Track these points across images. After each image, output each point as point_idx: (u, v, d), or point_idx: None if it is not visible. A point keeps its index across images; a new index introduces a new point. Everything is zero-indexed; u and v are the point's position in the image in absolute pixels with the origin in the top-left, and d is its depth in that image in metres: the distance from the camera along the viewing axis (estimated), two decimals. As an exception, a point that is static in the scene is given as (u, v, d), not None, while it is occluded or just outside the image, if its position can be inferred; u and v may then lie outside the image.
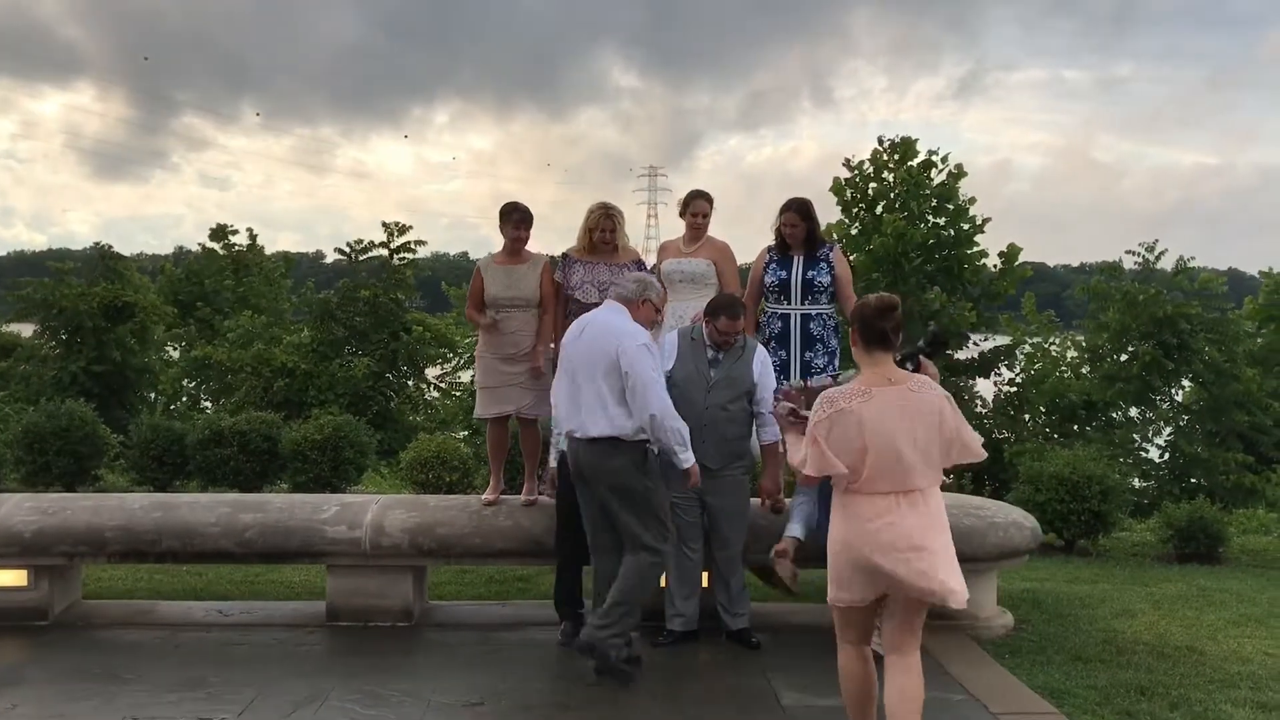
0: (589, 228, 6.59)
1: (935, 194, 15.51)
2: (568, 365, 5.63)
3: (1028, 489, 9.64)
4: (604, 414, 5.43)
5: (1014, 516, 6.89)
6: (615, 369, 5.40)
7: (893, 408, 4.13)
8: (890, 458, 4.09)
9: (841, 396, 4.17)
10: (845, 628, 4.38)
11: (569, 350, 5.65)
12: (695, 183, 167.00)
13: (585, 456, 5.52)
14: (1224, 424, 14.14)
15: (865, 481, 4.12)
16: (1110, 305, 15.26)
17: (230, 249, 27.47)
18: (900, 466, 4.11)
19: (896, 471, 4.11)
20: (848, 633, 4.38)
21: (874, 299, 4.29)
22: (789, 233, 6.60)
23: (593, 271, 6.62)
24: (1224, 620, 7.09)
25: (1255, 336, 16.90)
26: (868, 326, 4.25)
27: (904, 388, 4.19)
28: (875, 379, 4.21)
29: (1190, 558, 9.39)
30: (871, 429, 4.09)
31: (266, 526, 6.54)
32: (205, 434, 11.76)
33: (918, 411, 4.16)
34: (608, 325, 5.55)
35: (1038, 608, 7.31)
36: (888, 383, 4.19)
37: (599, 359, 5.45)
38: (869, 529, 4.12)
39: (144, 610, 6.94)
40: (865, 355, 4.27)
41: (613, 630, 5.48)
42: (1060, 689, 5.60)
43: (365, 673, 5.72)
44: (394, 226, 19.91)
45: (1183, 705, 5.37)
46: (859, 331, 4.28)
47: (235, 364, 17.85)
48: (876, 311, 4.24)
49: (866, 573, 4.17)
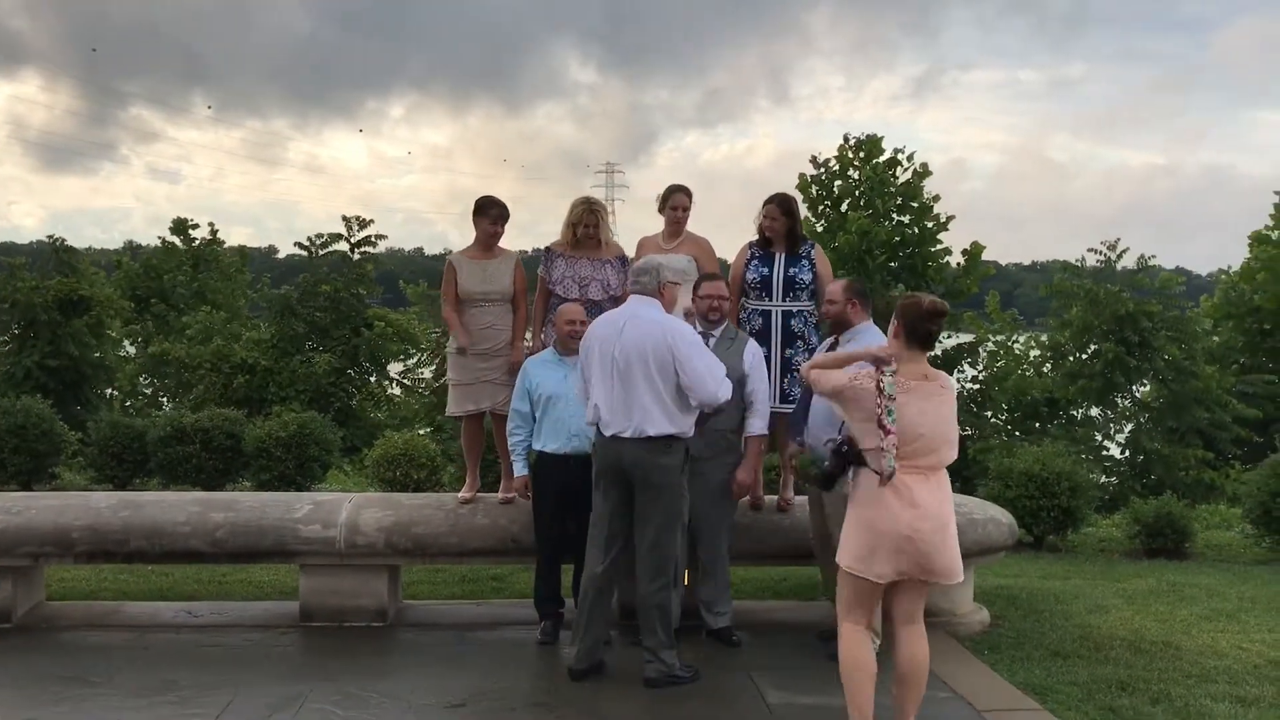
0: (572, 222, 6.50)
1: (900, 192, 15.58)
2: (611, 365, 5.35)
3: (998, 485, 9.69)
4: (663, 411, 5.30)
5: (991, 513, 6.91)
6: (670, 365, 5.28)
7: (926, 399, 4.47)
8: (917, 440, 4.41)
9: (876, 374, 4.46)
10: (854, 605, 4.54)
11: (610, 349, 5.37)
12: (653, 180, 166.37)
13: (635, 455, 5.30)
14: (1184, 421, 14.32)
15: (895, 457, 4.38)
16: (1073, 303, 15.39)
17: (190, 243, 27.03)
18: (926, 449, 4.44)
19: (922, 453, 4.44)
20: (855, 611, 4.55)
21: (927, 301, 4.60)
22: (769, 226, 6.56)
23: (574, 266, 6.52)
24: (1196, 615, 7.15)
25: (1212, 335, 17.13)
26: (917, 326, 4.54)
27: (937, 383, 4.56)
28: (913, 373, 4.51)
29: (1158, 553, 9.48)
30: (906, 414, 4.38)
31: (238, 526, 6.41)
32: (167, 431, 11.55)
33: (945, 405, 4.54)
34: (655, 321, 5.38)
35: (1012, 604, 7.34)
36: (924, 378, 4.53)
37: (651, 356, 5.29)
38: (896, 508, 4.38)
39: (110, 611, 6.78)
40: (906, 348, 4.55)
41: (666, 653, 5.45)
42: (1042, 685, 5.62)
43: (342, 674, 5.61)
44: (354, 221, 19.70)
45: (1163, 700, 5.40)
46: (905, 328, 4.54)
47: (194, 360, 17.55)
48: (928, 314, 4.54)
49: (888, 551, 4.40)
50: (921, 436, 4.41)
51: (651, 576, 5.39)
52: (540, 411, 6.06)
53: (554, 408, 6.01)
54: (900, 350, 4.55)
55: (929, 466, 4.46)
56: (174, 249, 27.34)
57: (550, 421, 6.03)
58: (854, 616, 4.54)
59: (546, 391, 6.02)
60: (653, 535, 5.37)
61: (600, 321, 5.62)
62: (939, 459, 4.50)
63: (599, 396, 5.42)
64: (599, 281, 6.50)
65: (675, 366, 5.28)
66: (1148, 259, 15.26)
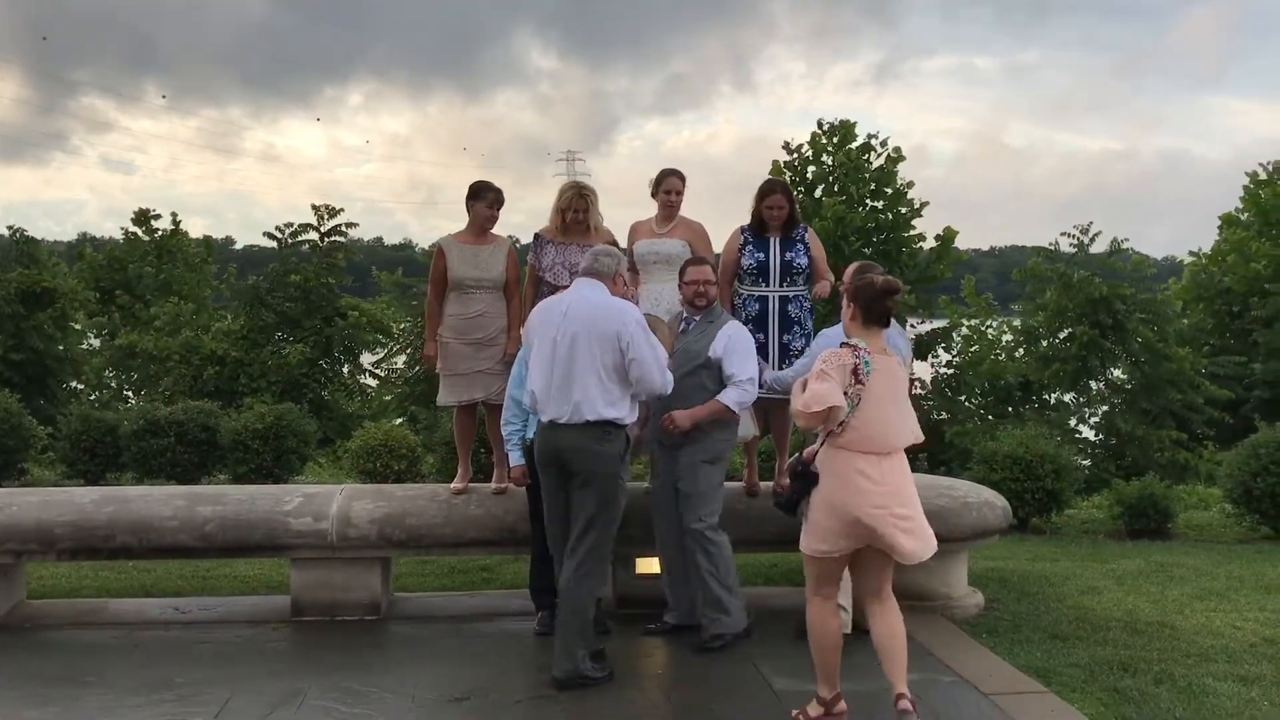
0: (561, 208, 6.38)
1: (873, 178, 15.58)
2: (553, 349, 5.20)
3: (982, 469, 9.72)
4: (603, 396, 5.14)
5: (985, 496, 6.91)
6: (615, 349, 5.13)
7: (887, 377, 4.50)
8: (882, 421, 4.47)
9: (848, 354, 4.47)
10: (820, 581, 4.63)
11: (552, 332, 5.24)
12: (615, 168, 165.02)
13: (573, 441, 5.18)
14: (1157, 402, 14.44)
15: (854, 439, 4.44)
16: (1047, 287, 15.47)
17: (153, 234, 26.58)
18: (889, 429, 4.50)
19: (886, 434, 4.49)
20: (821, 586, 4.64)
21: (880, 280, 4.63)
22: (774, 215, 6.48)
23: (564, 253, 6.40)
24: (1187, 595, 7.20)
25: (1182, 317, 17.28)
26: (873, 306, 4.58)
27: (895, 360, 4.61)
28: (874, 350, 4.53)
29: (1141, 534, 9.55)
30: (872, 391, 4.43)
31: (227, 519, 6.28)
32: (140, 424, 11.37)
33: (903, 382, 4.62)
34: (600, 304, 5.25)
35: (1005, 587, 7.36)
36: (883, 353, 4.56)
37: (596, 339, 5.14)
38: (861, 487, 4.42)
39: (94, 609, 6.64)
40: (863, 329, 4.58)
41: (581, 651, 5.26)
42: (1044, 668, 5.62)
43: (340, 669, 5.52)
44: (324, 209, 19.44)
45: (1166, 680, 5.41)
46: (862, 308, 4.58)
47: (163, 352, 17.26)
48: (882, 292, 4.58)
49: (851, 527, 4.45)
50: (888, 418, 4.47)
51: (578, 571, 5.20)
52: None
53: None
54: (857, 329, 4.59)
55: (891, 449, 4.51)
56: (137, 240, 26.90)
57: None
58: (821, 591, 4.65)
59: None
60: (583, 526, 5.20)
61: (543, 305, 5.47)
62: (901, 441, 4.54)
63: (537, 381, 5.27)
64: None
65: (623, 353, 5.14)
66: (1120, 242, 15.40)
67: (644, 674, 5.55)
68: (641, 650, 5.88)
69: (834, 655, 4.66)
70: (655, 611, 6.25)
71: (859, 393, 4.41)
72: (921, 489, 6.76)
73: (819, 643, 4.67)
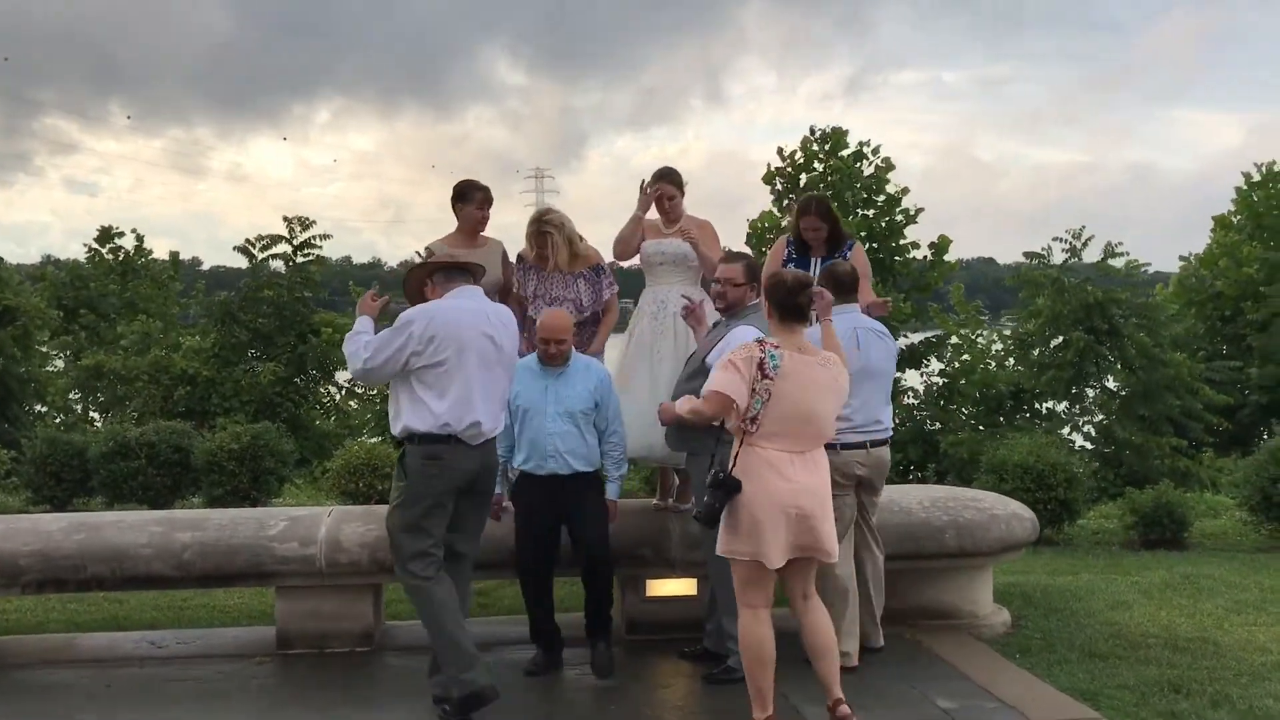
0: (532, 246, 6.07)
1: (865, 186, 15.29)
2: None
3: (992, 479, 9.41)
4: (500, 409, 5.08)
5: (1013, 508, 6.56)
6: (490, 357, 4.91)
7: (805, 374, 4.43)
8: (797, 419, 4.41)
9: (755, 349, 4.42)
10: (748, 589, 4.47)
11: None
12: (585, 183, 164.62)
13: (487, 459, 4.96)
14: (1156, 409, 14.19)
15: (765, 435, 4.38)
16: (1041, 293, 15.22)
17: (116, 252, 25.92)
18: (805, 429, 4.44)
19: (802, 433, 4.43)
20: (751, 595, 4.48)
21: (790, 277, 4.65)
22: (811, 236, 6.11)
23: (546, 284, 6.07)
24: (1221, 608, 6.87)
25: (1176, 322, 17.08)
26: (786, 301, 4.55)
27: (815, 360, 4.53)
28: (789, 347, 4.49)
29: (1156, 544, 9.25)
30: (782, 387, 4.36)
31: (207, 546, 5.82)
32: (109, 446, 10.87)
33: (827, 382, 4.51)
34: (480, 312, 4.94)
35: (1030, 603, 7.01)
36: (798, 351, 4.50)
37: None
38: (773, 484, 4.35)
39: (63, 645, 6.16)
40: (780, 327, 4.57)
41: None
42: (1089, 690, 5.27)
43: (334, 706, 5.10)
44: (296, 221, 18.91)
45: (1224, 703, 5.06)
46: (776, 305, 4.58)
47: (131, 372, 16.68)
48: (793, 289, 4.55)
49: (773, 526, 4.34)
50: (802, 416, 4.41)
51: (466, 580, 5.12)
52: (518, 425, 5.49)
53: (530, 423, 5.45)
54: (775, 328, 4.58)
55: (806, 448, 4.46)
56: (100, 258, 26.22)
57: (527, 440, 5.47)
58: (749, 600, 4.49)
59: (524, 404, 5.46)
60: (472, 537, 5.06)
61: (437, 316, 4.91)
62: (818, 438, 4.51)
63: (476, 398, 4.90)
64: (571, 301, 6.02)
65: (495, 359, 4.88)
66: (1114, 246, 15.17)
67: (662, 704, 5.14)
68: (659, 679, 5.48)
69: (765, 673, 4.45)
70: (665, 638, 5.89)
71: (767, 388, 4.34)
72: (947, 501, 6.52)
73: (750, 658, 4.46)
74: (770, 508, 4.34)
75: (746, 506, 4.35)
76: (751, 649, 4.44)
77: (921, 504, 6.34)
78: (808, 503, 4.38)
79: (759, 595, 4.46)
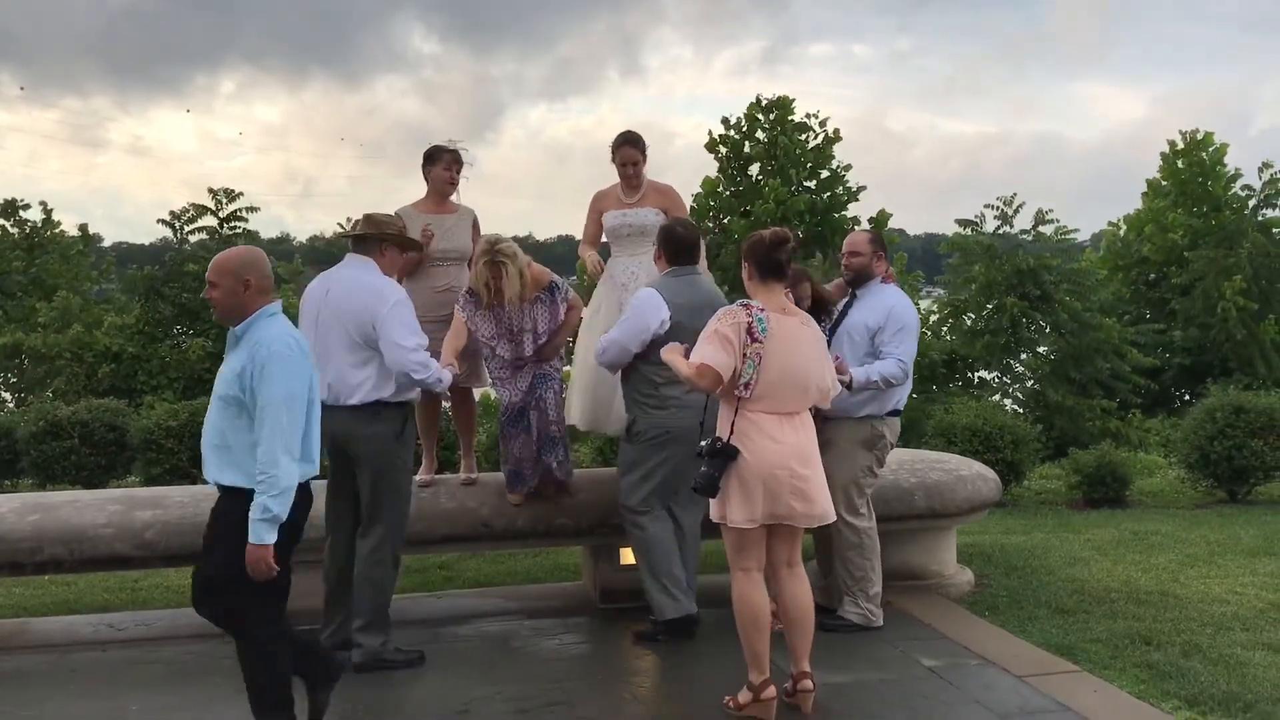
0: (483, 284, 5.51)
1: (810, 158, 15.28)
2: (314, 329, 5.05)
3: (940, 441, 9.54)
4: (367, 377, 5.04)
5: (977, 469, 6.66)
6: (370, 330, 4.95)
7: (791, 334, 4.37)
8: (786, 381, 4.33)
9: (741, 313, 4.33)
10: (741, 552, 4.43)
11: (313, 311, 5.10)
12: (500, 156, 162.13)
13: (342, 424, 4.99)
14: (1086, 372, 14.52)
15: (757, 400, 4.31)
16: (973, 260, 15.45)
17: (22, 225, 24.83)
18: (794, 390, 4.37)
19: (790, 394, 4.36)
20: (744, 559, 4.43)
21: (769, 233, 4.54)
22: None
23: (503, 323, 5.60)
24: (1174, 562, 7.07)
25: (1104, 287, 17.45)
26: (766, 258, 4.46)
27: (797, 320, 4.46)
28: (773, 306, 4.41)
29: (1100, 502, 9.48)
30: (771, 349, 4.29)
31: (169, 525, 5.64)
32: (39, 426, 10.50)
33: (812, 340, 4.46)
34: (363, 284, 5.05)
35: (990, 562, 7.14)
36: (783, 311, 4.43)
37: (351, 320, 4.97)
38: (764, 447, 4.29)
39: (16, 631, 5.93)
40: (760, 286, 4.47)
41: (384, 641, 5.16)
42: (1063, 644, 5.38)
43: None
44: (222, 193, 18.38)
45: (1194, 652, 5.21)
46: (756, 264, 4.48)
47: (52, 350, 16.10)
48: (772, 244, 4.46)
49: (762, 489, 4.29)
50: (792, 378, 4.34)
51: (372, 556, 5.11)
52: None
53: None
54: (755, 288, 4.48)
55: (796, 409, 4.40)
56: (4, 234, 25.11)
57: None
58: (742, 563, 4.44)
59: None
60: (368, 502, 5.09)
61: (312, 285, 5.24)
62: (806, 400, 4.44)
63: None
64: (528, 331, 5.62)
65: (375, 332, 4.93)
66: (1045, 213, 15.44)
67: (662, 674, 5.12)
68: (635, 649, 5.46)
69: (762, 635, 4.41)
70: (638, 605, 5.82)
71: (758, 351, 4.27)
72: (913, 463, 6.58)
73: (744, 622, 4.42)
74: (761, 470, 4.29)
75: (738, 471, 4.31)
76: (746, 612, 4.40)
77: (889, 466, 6.37)
78: (798, 464, 4.34)
79: (752, 558, 4.44)
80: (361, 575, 5.11)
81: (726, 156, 15.62)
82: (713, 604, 5.83)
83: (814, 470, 4.43)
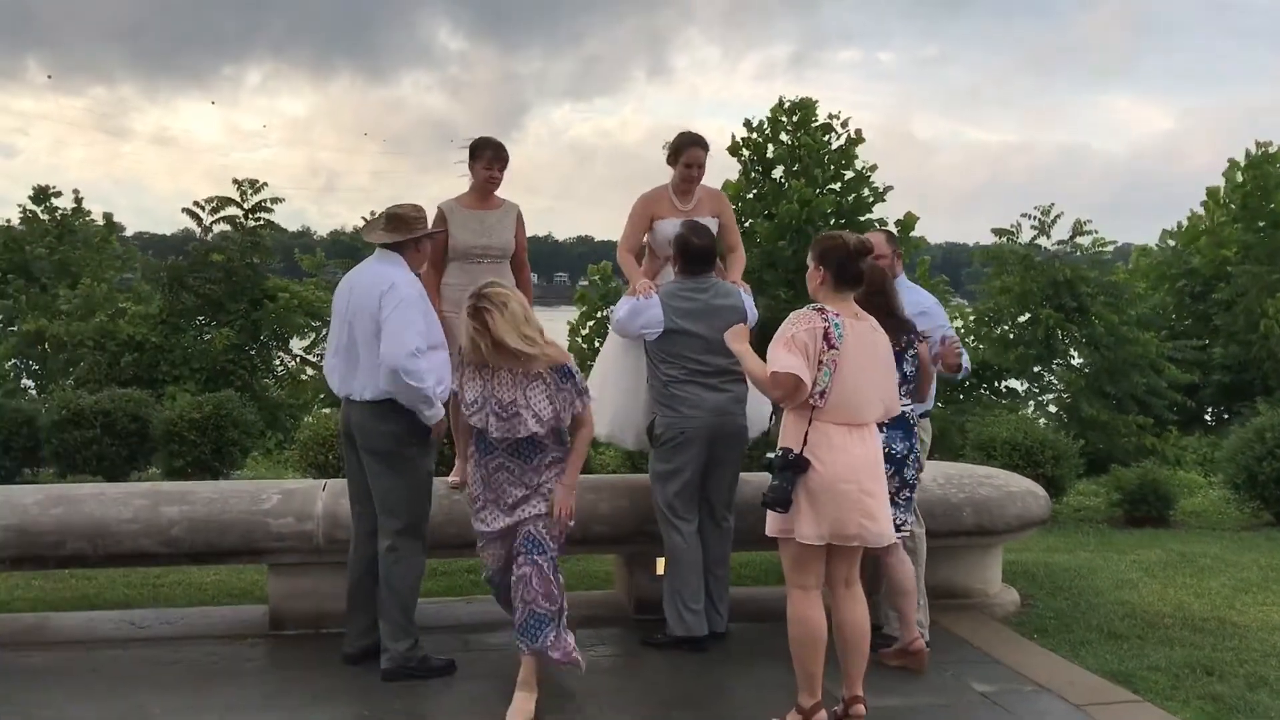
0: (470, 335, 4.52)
1: (834, 160, 15.08)
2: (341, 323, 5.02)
3: (979, 455, 9.31)
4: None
5: (1026, 485, 6.46)
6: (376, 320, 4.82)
7: (864, 341, 4.21)
8: (862, 390, 4.17)
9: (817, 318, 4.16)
10: (802, 570, 4.25)
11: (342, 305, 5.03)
12: (524, 154, 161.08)
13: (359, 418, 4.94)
14: (1122, 387, 14.24)
15: (831, 410, 4.12)
16: (1007, 269, 15.20)
17: (54, 213, 24.81)
18: (861, 399, 4.18)
19: (864, 404, 4.19)
20: (804, 576, 4.25)
21: (854, 240, 4.32)
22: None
23: (492, 385, 4.52)
24: (1227, 587, 6.82)
25: (1145, 300, 17.10)
26: (846, 266, 4.25)
27: (868, 325, 4.28)
28: (846, 314, 4.23)
29: (1142, 521, 9.23)
30: (846, 356, 4.12)
31: (196, 521, 5.48)
32: (61, 415, 10.36)
33: (883, 350, 4.29)
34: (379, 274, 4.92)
35: (1034, 581, 6.91)
36: (855, 318, 4.25)
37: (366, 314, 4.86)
38: (833, 459, 4.10)
39: (35, 626, 5.77)
40: (834, 294, 4.27)
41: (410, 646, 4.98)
42: (1120, 672, 5.16)
43: (341, 694, 4.78)
44: (247, 184, 18.28)
45: (1261, 685, 4.98)
46: (835, 270, 4.25)
47: (74, 338, 16.01)
48: (856, 252, 4.26)
49: (826, 503, 4.11)
50: (866, 386, 4.18)
51: (385, 549, 4.96)
52: None
53: None
54: (827, 294, 4.26)
55: (866, 420, 4.23)
56: (36, 220, 25.13)
57: None
58: (801, 580, 4.26)
59: None
60: (381, 499, 4.96)
61: (340, 284, 5.18)
62: (876, 412, 4.26)
63: (330, 355, 5.17)
64: (531, 411, 4.48)
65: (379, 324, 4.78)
66: (1083, 224, 15.17)
67: (681, 686, 4.93)
68: (672, 660, 5.26)
69: (816, 656, 4.22)
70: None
71: (834, 358, 4.10)
72: (960, 477, 6.35)
73: (799, 641, 4.23)
74: (832, 485, 4.10)
75: (807, 485, 4.11)
76: (803, 632, 4.21)
77: (936, 480, 6.17)
78: (868, 479, 4.16)
79: (812, 575, 4.25)
80: (382, 577, 4.97)
81: (750, 159, 15.40)
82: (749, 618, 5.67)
83: (881, 486, 4.25)
